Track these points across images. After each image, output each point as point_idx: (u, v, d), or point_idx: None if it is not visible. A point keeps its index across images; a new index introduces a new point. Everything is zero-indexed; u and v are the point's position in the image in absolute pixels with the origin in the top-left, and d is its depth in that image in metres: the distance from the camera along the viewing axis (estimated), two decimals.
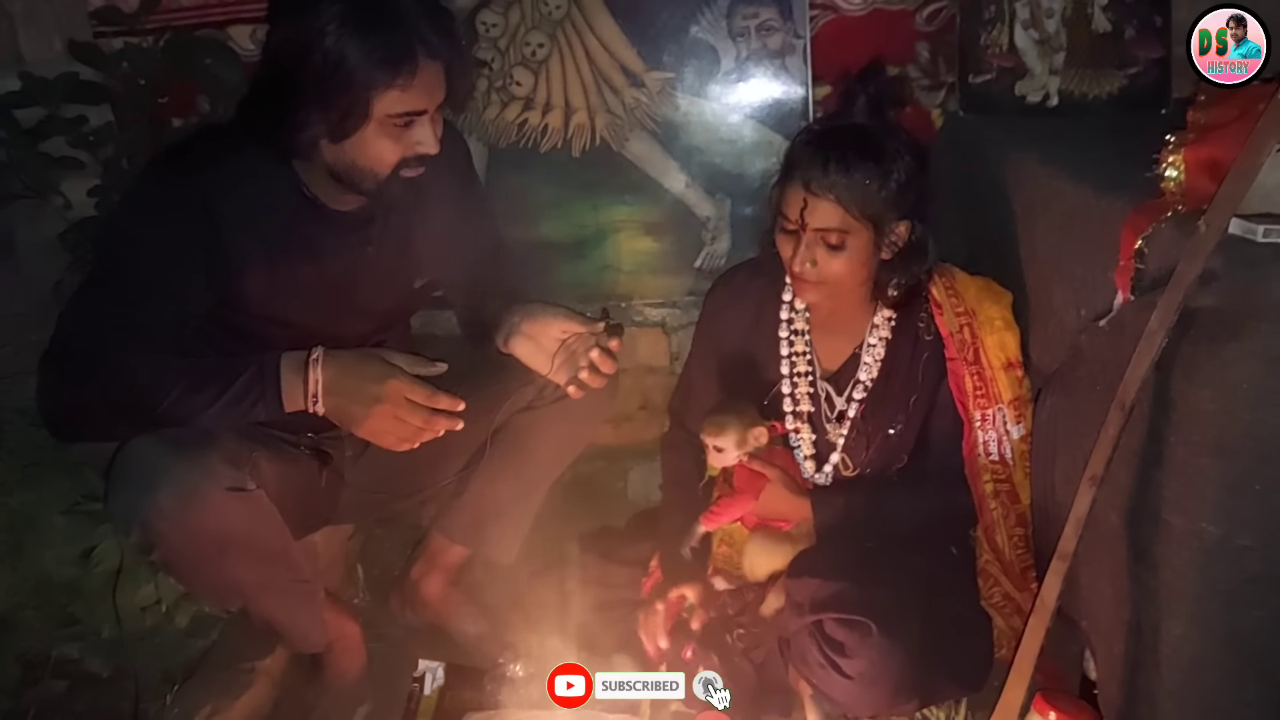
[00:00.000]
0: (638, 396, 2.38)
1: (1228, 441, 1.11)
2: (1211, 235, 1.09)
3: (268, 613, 1.63)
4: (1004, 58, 1.99)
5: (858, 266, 1.59)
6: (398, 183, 1.49)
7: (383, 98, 1.41)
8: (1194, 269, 1.10)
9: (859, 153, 1.53)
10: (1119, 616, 1.27)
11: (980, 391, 1.61)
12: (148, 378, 1.43)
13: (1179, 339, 1.14)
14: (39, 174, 1.88)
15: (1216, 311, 1.10)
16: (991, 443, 1.61)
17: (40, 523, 1.71)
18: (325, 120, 1.42)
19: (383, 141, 1.45)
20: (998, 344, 1.62)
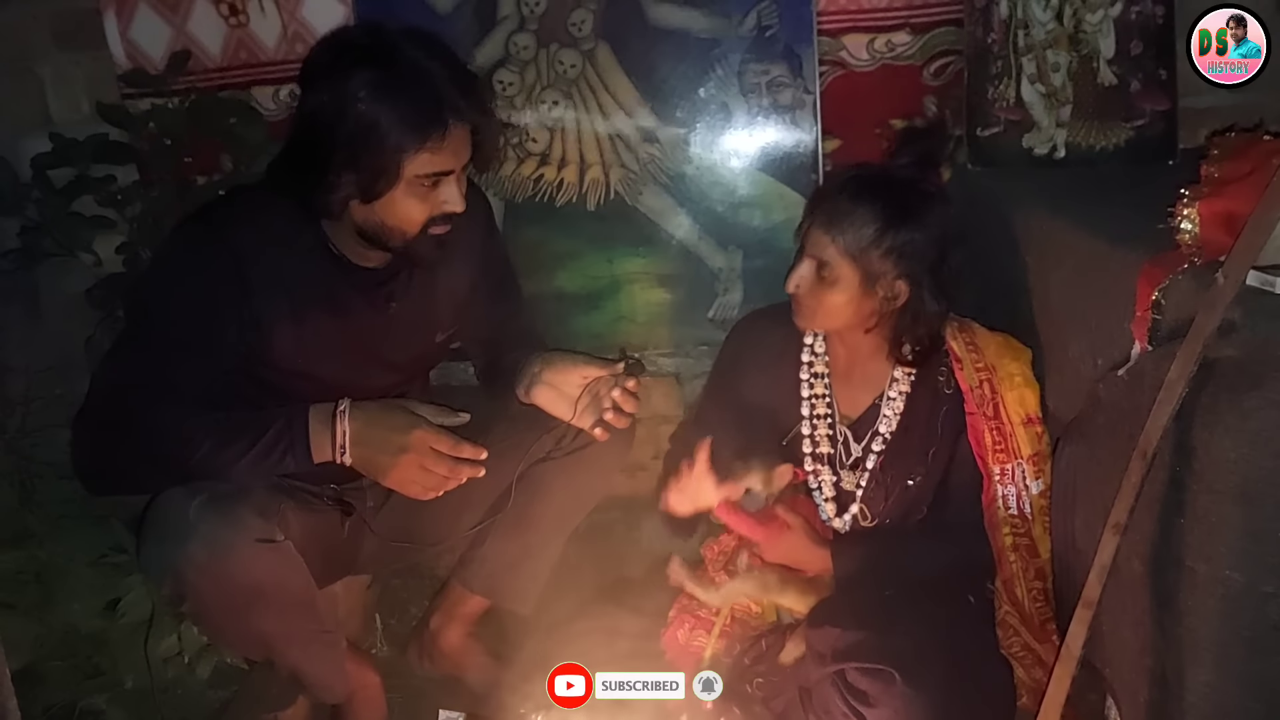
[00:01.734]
0: (652, 447, 2.37)
1: (1250, 489, 1.13)
2: (1230, 287, 1.11)
3: (292, 663, 1.63)
4: (1011, 111, 2.03)
5: (847, 305, 1.61)
6: (426, 241, 1.53)
7: (413, 160, 1.45)
8: (1213, 320, 1.12)
9: (871, 200, 1.58)
10: (1143, 664, 1.28)
11: (999, 446, 1.62)
12: (180, 433, 1.46)
13: (1199, 389, 1.16)
14: (71, 232, 1.92)
15: (1236, 362, 1.13)
16: (1010, 497, 1.62)
17: (69, 574, 1.72)
18: (356, 182, 1.46)
19: (410, 201, 1.49)
20: (1017, 400, 1.63)
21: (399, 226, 1.51)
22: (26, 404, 1.84)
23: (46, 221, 1.94)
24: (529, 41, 2.18)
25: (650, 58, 2.18)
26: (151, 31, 2.20)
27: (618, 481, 2.17)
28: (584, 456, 1.81)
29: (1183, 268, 1.24)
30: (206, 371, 1.50)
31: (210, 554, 1.43)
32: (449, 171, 1.49)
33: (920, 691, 1.43)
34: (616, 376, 1.63)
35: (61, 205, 1.94)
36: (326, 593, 1.77)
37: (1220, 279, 1.12)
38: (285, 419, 1.49)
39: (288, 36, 2.19)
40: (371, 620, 2.12)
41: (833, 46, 2.15)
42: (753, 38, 2.14)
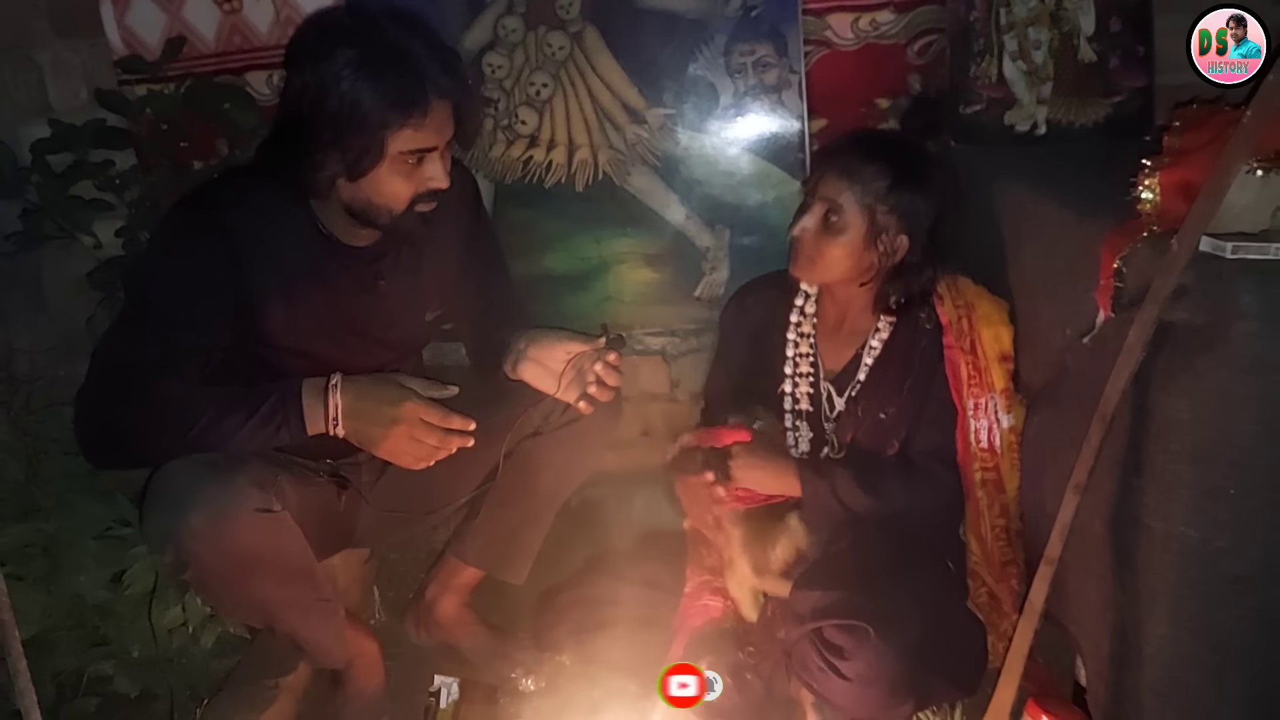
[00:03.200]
0: (640, 423, 2.44)
1: (1203, 448, 1.18)
2: (1183, 253, 1.16)
3: (292, 630, 1.69)
4: (993, 88, 2.06)
5: (847, 256, 1.68)
6: (412, 218, 1.57)
7: (396, 137, 1.49)
8: (1168, 285, 1.17)
9: (887, 155, 1.67)
10: (1105, 619, 1.33)
11: (974, 380, 1.67)
12: (178, 406, 1.51)
13: (1156, 352, 1.21)
14: (71, 215, 1.96)
15: (1190, 325, 1.17)
16: (982, 431, 1.67)
17: (74, 547, 1.77)
18: (342, 160, 1.50)
19: (395, 179, 1.53)
20: (993, 336, 1.69)
21: (385, 204, 1.55)
22: (31, 383, 1.90)
23: (47, 205, 1.98)
24: (517, 24, 2.22)
25: (637, 39, 2.20)
26: (147, 18, 2.22)
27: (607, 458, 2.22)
28: (572, 431, 1.86)
29: (1143, 236, 1.28)
30: (203, 347, 1.55)
31: (210, 523, 1.48)
32: (432, 148, 1.53)
33: (892, 645, 1.48)
34: (598, 351, 1.67)
35: (61, 189, 1.99)
36: (326, 565, 1.83)
37: (1175, 245, 1.16)
38: (280, 393, 1.54)
39: (280, 21, 2.22)
40: (370, 592, 2.17)
41: (817, 26, 2.18)
42: (738, 18, 2.17)
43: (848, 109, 2.20)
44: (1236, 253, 1.14)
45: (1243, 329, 1.11)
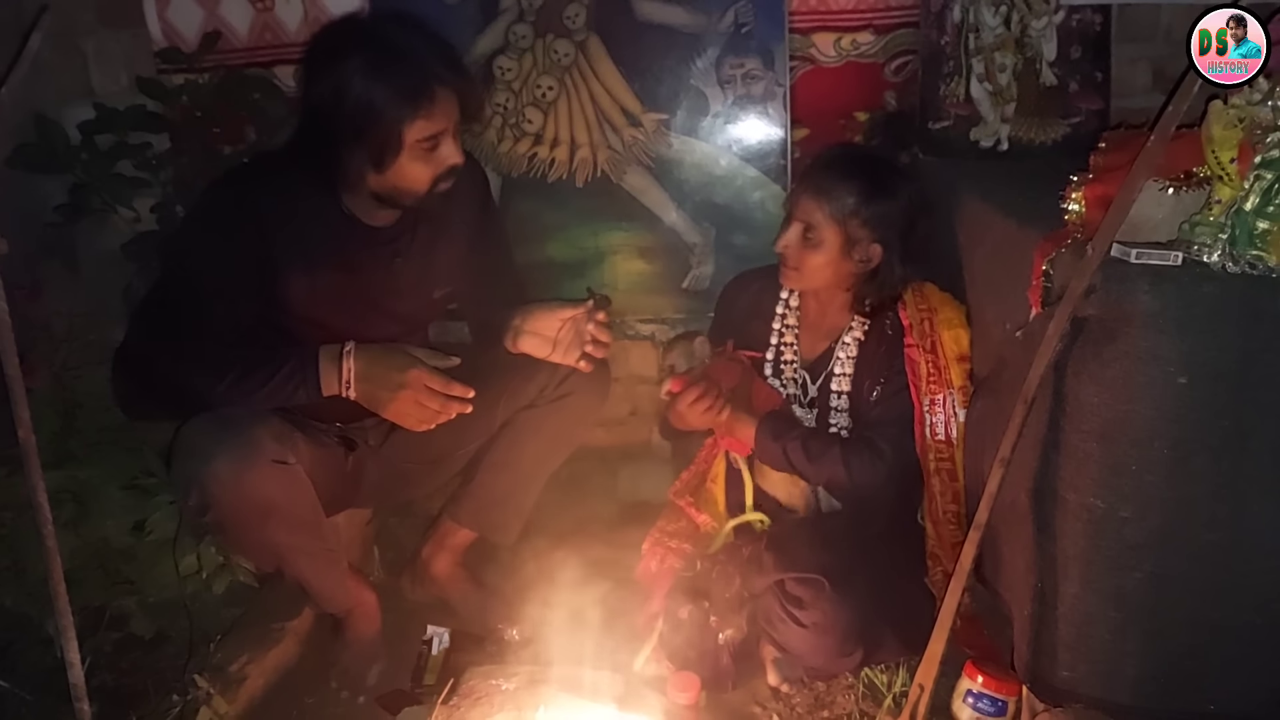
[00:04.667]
0: (628, 403, 2.60)
1: (1108, 429, 1.35)
2: (1095, 258, 1.32)
3: (299, 574, 1.86)
4: (961, 107, 2.23)
5: (827, 265, 1.86)
6: (434, 197, 1.74)
7: (411, 127, 1.66)
8: (1082, 285, 1.34)
9: (855, 172, 1.84)
10: (1028, 582, 1.49)
11: (934, 378, 1.84)
12: (208, 365, 1.68)
13: (1071, 344, 1.38)
14: (116, 190, 2.13)
15: (1099, 320, 1.34)
16: (939, 424, 1.84)
17: (103, 495, 1.93)
18: (367, 156, 1.67)
19: (416, 165, 1.69)
20: (953, 338, 1.86)
21: (410, 188, 1.72)
22: (69, 343, 2.06)
23: (94, 181, 2.15)
24: (527, 31, 2.38)
25: (637, 49, 2.37)
26: (187, 13, 2.38)
27: (597, 434, 2.39)
28: (564, 405, 2.03)
29: (1068, 242, 1.45)
30: (231, 314, 1.72)
31: (231, 470, 1.65)
32: (443, 130, 1.69)
33: (846, 599, 1.66)
34: (589, 312, 1.85)
35: (106, 167, 2.16)
36: (329, 523, 1.98)
37: (1089, 250, 1.33)
38: (298, 357, 1.72)
39: (308, 20, 2.37)
40: (370, 551, 2.33)
41: (803, 43, 2.35)
42: (730, 34, 2.34)
43: (828, 120, 2.37)
44: (1140, 258, 1.31)
45: (1140, 324, 1.28)
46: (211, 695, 1.70)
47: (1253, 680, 1.39)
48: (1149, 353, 1.28)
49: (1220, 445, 1.30)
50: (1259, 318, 1.26)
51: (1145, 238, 1.40)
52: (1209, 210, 1.34)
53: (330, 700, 1.90)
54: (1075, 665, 1.44)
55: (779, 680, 1.79)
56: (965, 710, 1.65)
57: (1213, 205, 1.34)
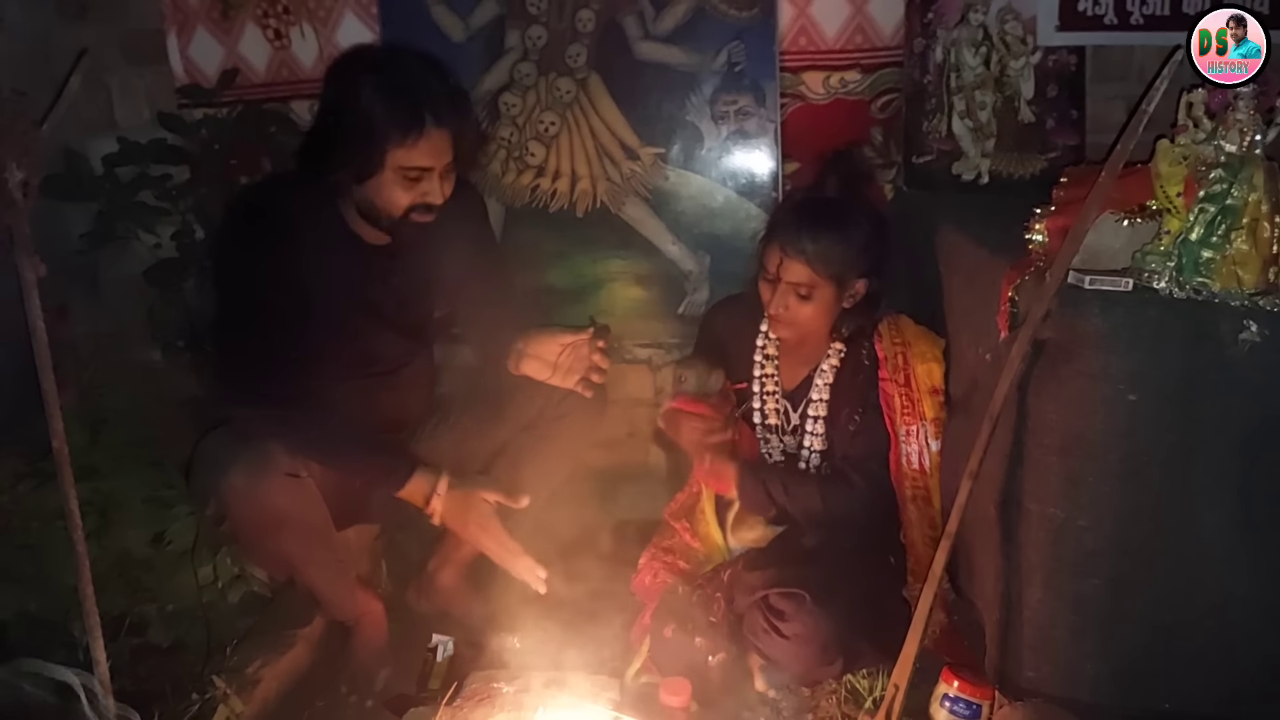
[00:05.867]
0: (626, 425, 2.69)
1: (1066, 443, 1.45)
2: (1053, 284, 1.43)
3: (310, 583, 1.95)
4: (943, 142, 2.34)
5: (823, 313, 1.94)
6: (408, 224, 1.83)
7: (394, 152, 1.75)
8: (1041, 310, 1.44)
9: (828, 224, 1.90)
10: (996, 589, 1.59)
11: (908, 410, 1.93)
12: (303, 429, 1.85)
13: (1032, 364, 1.48)
14: (140, 218, 2.25)
15: (1056, 342, 1.44)
16: (914, 455, 1.93)
17: (125, 506, 2.03)
18: (352, 164, 1.77)
19: (395, 189, 1.78)
20: (926, 372, 1.95)
21: (385, 208, 1.81)
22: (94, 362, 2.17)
23: (117, 209, 2.27)
24: (531, 70, 2.51)
25: (635, 87, 2.50)
26: (207, 51, 2.53)
27: (596, 455, 2.48)
28: (562, 425, 2.13)
29: (1031, 270, 1.56)
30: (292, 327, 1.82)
31: (247, 481, 1.76)
32: (428, 168, 1.78)
33: (826, 611, 1.75)
34: (588, 340, 1.96)
35: (128, 196, 2.28)
36: (340, 537, 2.09)
37: (1048, 278, 1.44)
38: (399, 470, 1.89)
39: (323, 57, 2.50)
40: (378, 565, 2.42)
41: (793, 81, 2.47)
42: (724, 72, 2.46)
43: (817, 154, 2.44)
44: (1093, 284, 1.42)
45: (1093, 345, 1.38)
46: (228, 695, 1.79)
47: (1204, 679, 1.48)
48: (1101, 371, 1.38)
49: (1168, 458, 1.40)
50: (1202, 340, 1.37)
51: (1105, 266, 1.50)
52: (1159, 240, 1.45)
53: (340, 704, 1.98)
54: (1039, 666, 1.53)
55: (765, 686, 1.87)
56: (941, 713, 1.73)
57: (1162, 236, 1.45)
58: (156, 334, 2.35)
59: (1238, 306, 1.37)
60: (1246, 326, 1.35)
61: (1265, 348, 1.34)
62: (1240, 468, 1.39)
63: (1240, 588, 1.43)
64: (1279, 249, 1.39)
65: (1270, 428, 1.38)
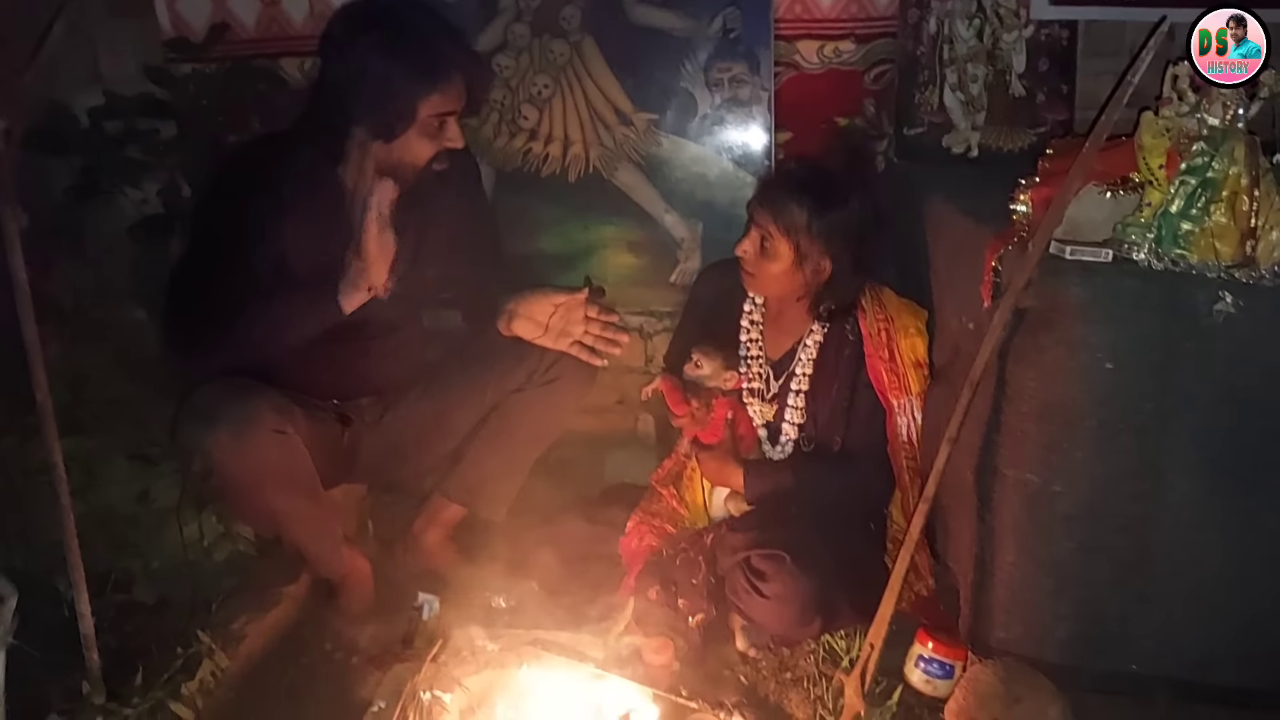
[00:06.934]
0: (616, 392, 2.70)
1: (1044, 410, 1.47)
2: (1035, 254, 1.45)
3: (296, 540, 1.97)
4: (934, 114, 2.35)
5: (782, 275, 1.97)
6: (429, 175, 1.86)
7: (426, 102, 1.79)
8: (1022, 279, 1.46)
9: (806, 190, 1.93)
10: (971, 552, 1.62)
11: (894, 385, 1.96)
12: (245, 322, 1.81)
13: (1013, 333, 1.50)
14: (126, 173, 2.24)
15: (1036, 311, 1.46)
16: (903, 427, 1.96)
17: (109, 464, 2.04)
18: (378, 126, 1.79)
19: (422, 140, 1.82)
20: (910, 346, 1.98)
21: (411, 163, 1.84)
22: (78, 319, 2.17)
23: (102, 163, 2.26)
24: (524, 31, 2.50)
25: (629, 51, 2.49)
26: (195, 4, 2.49)
27: (585, 421, 2.50)
28: (552, 389, 2.14)
29: (1014, 240, 1.57)
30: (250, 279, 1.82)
31: (233, 437, 1.77)
32: (452, 112, 1.82)
33: (805, 572, 1.78)
34: (582, 301, 1.97)
35: (114, 150, 2.27)
36: (326, 496, 2.10)
37: (1029, 248, 1.45)
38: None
39: (314, 14, 2.48)
40: (364, 525, 2.43)
41: (788, 50, 2.46)
42: (719, 38, 2.46)
43: (810, 124, 2.48)
44: (1074, 255, 1.44)
45: (1072, 314, 1.40)
46: (213, 650, 1.81)
47: (1171, 642, 1.52)
48: (1080, 340, 1.41)
49: (1143, 425, 1.43)
50: (1178, 310, 1.39)
51: (1087, 237, 1.52)
52: (1140, 212, 1.47)
53: (325, 660, 1.99)
54: (1010, 627, 1.56)
55: (746, 646, 1.91)
56: (916, 673, 1.77)
57: (1144, 208, 1.47)
58: (141, 291, 2.34)
59: (1214, 278, 1.39)
60: (1222, 298, 1.37)
61: (1239, 319, 1.37)
62: (1212, 436, 1.42)
63: (1209, 553, 1.47)
64: (1256, 222, 1.41)
65: (1242, 397, 1.41)
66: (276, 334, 1.83)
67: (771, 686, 1.85)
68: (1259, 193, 1.42)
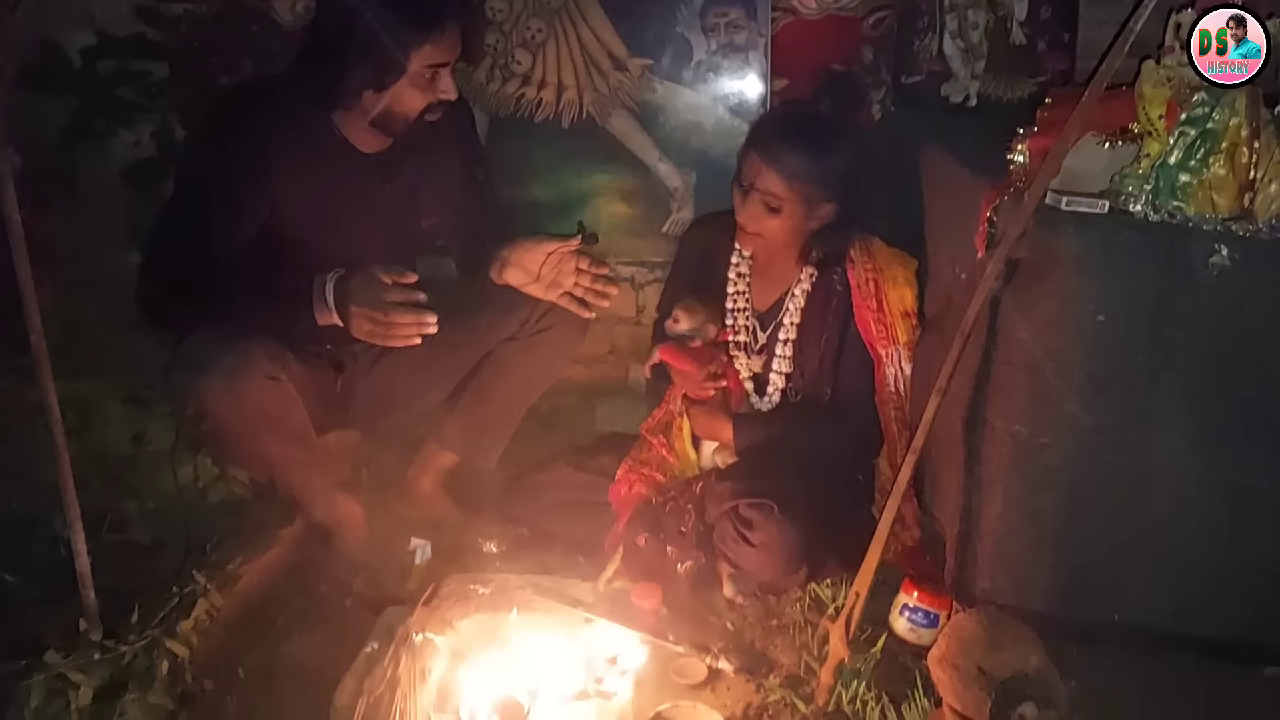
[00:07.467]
0: (607, 342, 2.71)
1: (1034, 362, 1.47)
2: (1030, 204, 1.43)
3: (290, 485, 1.98)
4: (933, 62, 2.32)
5: (789, 229, 1.95)
6: (421, 125, 1.84)
7: (418, 54, 1.77)
8: (1017, 230, 1.45)
9: (808, 140, 1.91)
10: (958, 504, 1.63)
11: (882, 335, 1.96)
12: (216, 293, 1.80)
13: (1006, 283, 1.49)
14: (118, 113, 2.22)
15: (1030, 262, 1.46)
16: (890, 378, 1.96)
17: (104, 406, 2.05)
18: (370, 75, 1.77)
19: (413, 91, 1.80)
20: (899, 297, 1.97)
21: (402, 112, 1.83)
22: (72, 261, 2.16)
23: (94, 103, 2.24)
24: None
25: None
26: None
27: (576, 371, 2.50)
28: (544, 339, 2.14)
29: (1011, 190, 1.56)
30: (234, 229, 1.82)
31: (226, 383, 1.77)
32: (445, 63, 1.80)
33: (792, 520, 1.80)
34: (575, 248, 1.95)
35: (107, 91, 2.24)
36: (320, 441, 2.10)
37: (1025, 198, 1.44)
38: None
39: None
40: (358, 471, 2.44)
41: None
42: None
43: (807, 72, 2.46)
44: (1070, 205, 1.43)
45: (1065, 265, 1.40)
46: (208, 590, 1.83)
47: (1153, 592, 1.53)
48: (1073, 292, 1.40)
49: (1132, 378, 1.43)
50: (1173, 263, 1.38)
51: (1085, 188, 1.51)
52: (1138, 163, 1.45)
53: (319, 601, 2.01)
54: (995, 576, 1.58)
55: (733, 593, 1.93)
56: (901, 622, 1.79)
57: (1142, 159, 1.45)
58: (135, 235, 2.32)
59: (1210, 231, 1.38)
60: (1217, 251, 1.36)
61: (1233, 272, 1.36)
62: (1200, 390, 1.42)
63: (1192, 505, 1.48)
64: (1255, 174, 1.39)
65: (1232, 351, 1.41)
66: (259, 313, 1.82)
67: (758, 633, 1.87)
68: (1259, 145, 1.41)
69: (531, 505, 2.18)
